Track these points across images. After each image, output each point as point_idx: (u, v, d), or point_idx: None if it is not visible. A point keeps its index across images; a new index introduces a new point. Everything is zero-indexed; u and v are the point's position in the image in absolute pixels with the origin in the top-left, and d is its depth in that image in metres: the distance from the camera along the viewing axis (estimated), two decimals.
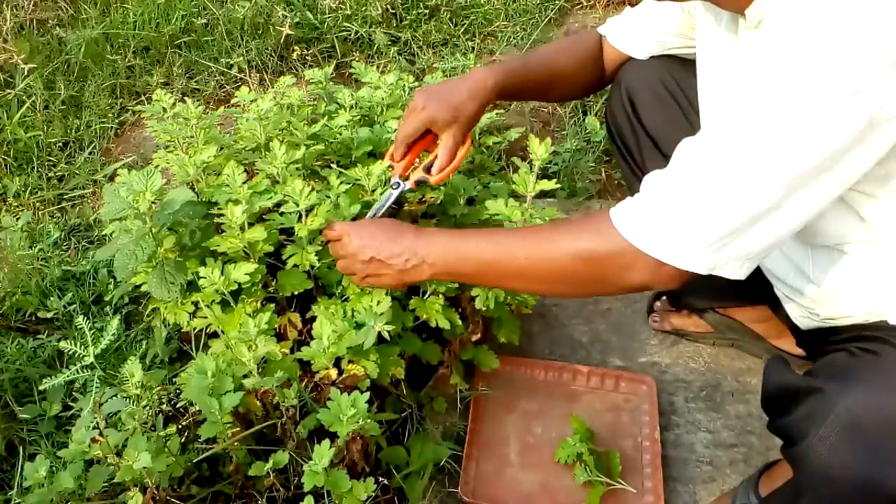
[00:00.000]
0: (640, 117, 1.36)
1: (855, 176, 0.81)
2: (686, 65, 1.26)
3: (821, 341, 1.08)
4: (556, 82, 1.35)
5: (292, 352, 1.21)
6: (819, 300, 1.06)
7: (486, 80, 1.23)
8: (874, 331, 0.94)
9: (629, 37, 1.33)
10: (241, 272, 1.19)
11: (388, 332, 1.14)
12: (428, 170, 1.27)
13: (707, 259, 0.85)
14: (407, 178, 1.27)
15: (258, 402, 1.15)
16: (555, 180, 1.28)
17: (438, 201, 1.41)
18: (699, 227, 0.83)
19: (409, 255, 1.04)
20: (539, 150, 1.18)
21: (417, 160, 1.31)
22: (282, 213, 1.28)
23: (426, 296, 1.27)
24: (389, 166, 1.30)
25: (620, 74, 1.37)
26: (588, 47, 1.36)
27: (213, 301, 1.24)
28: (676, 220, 0.85)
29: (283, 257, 1.26)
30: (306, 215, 1.26)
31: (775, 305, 1.20)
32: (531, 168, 1.23)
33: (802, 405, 0.89)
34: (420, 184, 1.27)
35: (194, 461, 1.16)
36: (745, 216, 0.82)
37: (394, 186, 1.26)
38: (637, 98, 1.35)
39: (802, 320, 1.12)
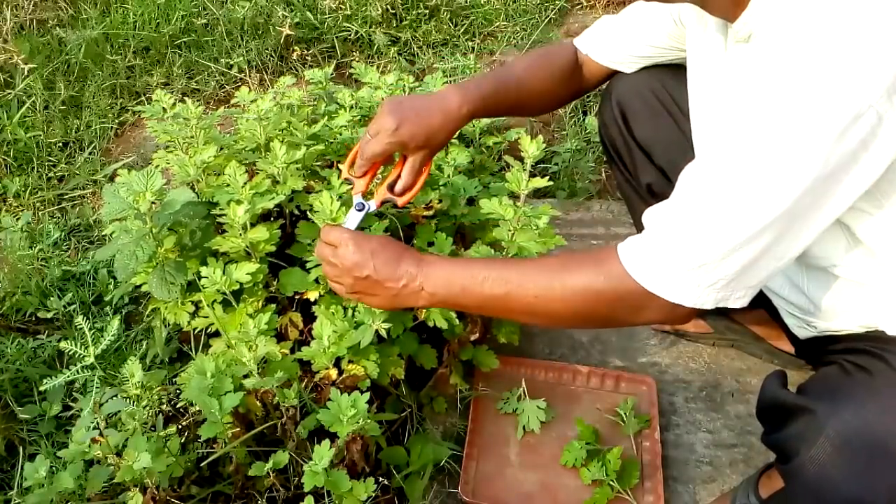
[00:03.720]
0: (632, 129, 1.34)
1: (851, 199, 0.81)
2: (677, 73, 1.24)
3: (819, 349, 1.08)
4: (528, 103, 1.32)
5: (293, 352, 1.21)
6: (815, 314, 1.06)
7: (460, 107, 1.18)
8: (871, 342, 0.93)
9: (615, 53, 1.30)
10: (243, 272, 1.19)
11: (388, 332, 1.14)
12: (391, 188, 1.20)
13: (716, 295, 0.86)
14: (368, 197, 1.20)
15: (258, 403, 1.15)
16: (548, 178, 1.26)
17: (445, 207, 1.41)
18: (708, 268, 0.84)
19: (408, 279, 1.02)
20: (530, 147, 1.18)
21: (378, 176, 1.24)
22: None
23: None
24: (346, 180, 1.23)
25: (611, 86, 1.35)
26: (562, 63, 1.32)
27: (214, 301, 1.24)
28: (685, 262, 0.85)
29: (295, 239, 1.25)
30: None
31: (773, 313, 1.20)
32: (524, 166, 1.23)
33: (794, 423, 0.89)
34: (384, 203, 1.21)
35: (194, 462, 1.16)
36: (750, 252, 0.82)
37: (358, 208, 1.18)
38: (628, 110, 1.33)
39: (800, 330, 1.12)
